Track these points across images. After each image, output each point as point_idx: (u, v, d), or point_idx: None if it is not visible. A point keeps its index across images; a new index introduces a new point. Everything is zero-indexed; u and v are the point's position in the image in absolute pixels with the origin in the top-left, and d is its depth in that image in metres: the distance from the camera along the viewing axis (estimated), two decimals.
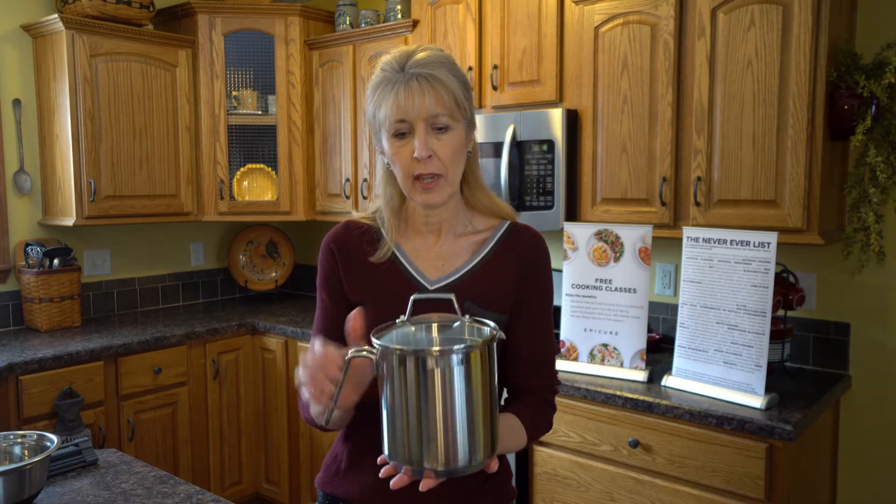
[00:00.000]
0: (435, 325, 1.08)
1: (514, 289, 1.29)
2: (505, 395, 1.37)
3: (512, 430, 1.24)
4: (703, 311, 2.17)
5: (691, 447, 2.07)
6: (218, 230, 4.01)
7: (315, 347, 1.09)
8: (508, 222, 1.34)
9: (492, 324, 1.06)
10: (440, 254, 1.30)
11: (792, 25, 2.11)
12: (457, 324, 1.07)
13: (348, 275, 1.31)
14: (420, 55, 1.20)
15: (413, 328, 1.08)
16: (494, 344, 1.04)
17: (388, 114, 1.19)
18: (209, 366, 3.24)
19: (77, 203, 3.08)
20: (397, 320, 1.10)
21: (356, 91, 3.35)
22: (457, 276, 1.28)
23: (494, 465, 1.06)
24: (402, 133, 1.20)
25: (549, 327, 1.33)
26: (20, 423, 2.63)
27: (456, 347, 1.00)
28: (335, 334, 1.28)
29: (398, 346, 1.01)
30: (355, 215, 1.37)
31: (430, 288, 1.27)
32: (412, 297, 1.09)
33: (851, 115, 2.12)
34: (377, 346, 1.03)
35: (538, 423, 1.30)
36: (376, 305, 1.28)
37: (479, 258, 1.29)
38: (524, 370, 1.30)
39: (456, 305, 1.08)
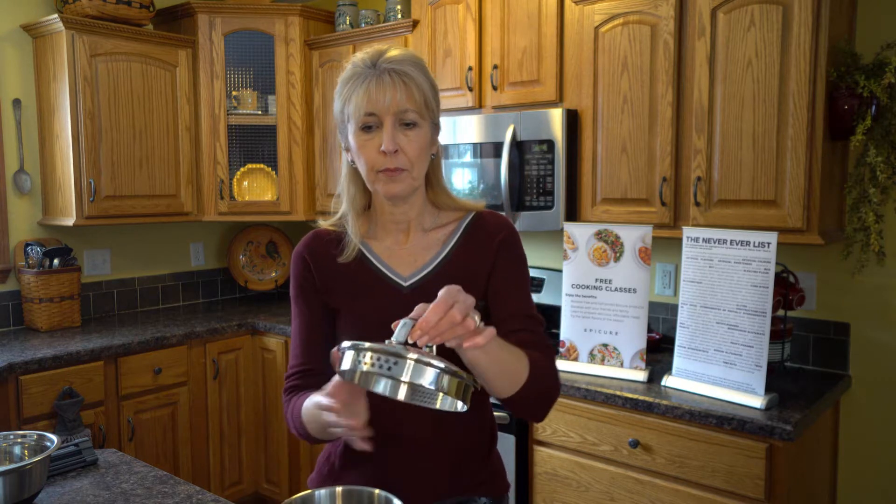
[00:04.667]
0: (405, 388, 1.06)
1: (489, 272, 1.29)
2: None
3: (511, 347, 1.15)
4: (703, 311, 2.17)
5: (691, 447, 2.07)
6: (218, 230, 4.01)
7: (329, 395, 1.11)
8: (473, 212, 1.35)
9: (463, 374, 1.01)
10: (411, 250, 1.31)
11: (792, 25, 2.11)
12: (430, 381, 0.96)
13: (323, 283, 1.32)
14: (392, 53, 1.21)
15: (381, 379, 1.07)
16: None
17: (358, 105, 1.19)
18: (209, 366, 3.24)
19: (77, 203, 3.08)
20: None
21: None
22: (430, 269, 1.28)
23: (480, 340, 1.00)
24: (369, 126, 1.20)
25: (527, 292, 1.32)
26: (20, 423, 2.63)
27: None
28: (317, 342, 1.32)
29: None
30: (322, 224, 1.36)
31: (404, 285, 1.28)
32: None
33: (851, 115, 2.12)
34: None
35: (541, 362, 1.21)
36: (354, 311, 1.29)
37: (449, 247, 1.30)
38: (512, 326, 1.25)
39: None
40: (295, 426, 1.27)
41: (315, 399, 1.15)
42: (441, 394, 0.96)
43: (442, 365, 0.94)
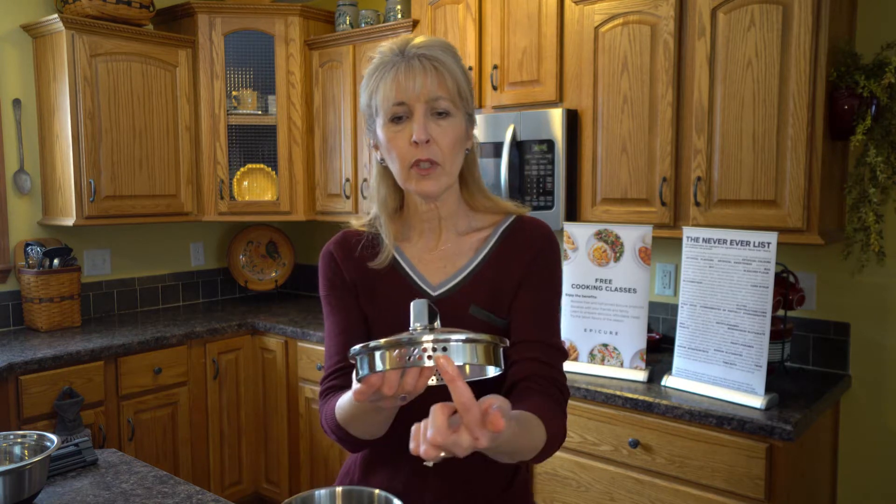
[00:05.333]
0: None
1: (519, 284, 1.20)
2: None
3: (529, 424, 1.02)
4: (703, 311, 2.17)
5: (691, 447, 2.07)
6: (218, 230, 4.01)
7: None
8: (513, 217, 1.26)
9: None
10: (443, 255, 1.22)
11: (792, 25, 2.11)
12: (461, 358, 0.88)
13: (353, 282, 1.24)
14: (421, 39, 1.14)
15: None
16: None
17: (387, 95, 1.11)
18: (209, 366, 3.24)
19: (77, 203, 3.08)
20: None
21: (356, 91, 3.35)
22: (460, 279, 1.21)
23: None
24: (399, 117, 1.12)
25: (554, 317, 1.22)
26: (20, 423, 2.63)
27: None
28: (354, 338, 1.21)
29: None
30: (353, 224, 1.30)
31: (433, 294, 1.20)
32: (412, 303, 0.95)
33: (851, 115, 2.12)
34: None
35: (554, 427, 1.09)
36: (380, 316, 1.22)
37: (481, 256, 1.22)
38: (530, 353, 1.16)
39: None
40: (331, 428, 1.16)
41: (349, 393, 1.05)
42: (471, 364, 0.91)
43: (463, 336, 0.86)
